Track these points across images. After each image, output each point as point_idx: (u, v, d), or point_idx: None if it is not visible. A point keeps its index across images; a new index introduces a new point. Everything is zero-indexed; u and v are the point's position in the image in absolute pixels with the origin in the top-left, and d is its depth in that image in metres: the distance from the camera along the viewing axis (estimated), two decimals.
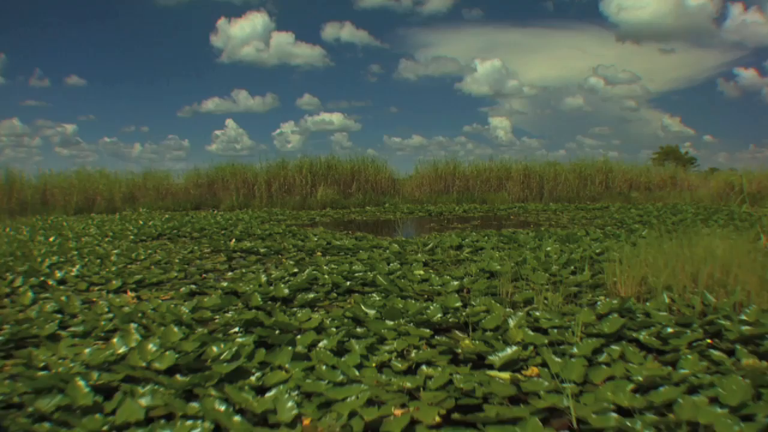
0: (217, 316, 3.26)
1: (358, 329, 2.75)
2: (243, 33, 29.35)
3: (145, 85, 34.30)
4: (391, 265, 4.70)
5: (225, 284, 4.20)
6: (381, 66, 33.05)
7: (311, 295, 3.61)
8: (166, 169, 19.58)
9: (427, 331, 2.74)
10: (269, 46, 29.68)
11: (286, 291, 3.69)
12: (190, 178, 18.93)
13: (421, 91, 33.42)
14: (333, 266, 4.82)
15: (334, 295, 3.86)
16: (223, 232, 8.79)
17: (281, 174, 18.07)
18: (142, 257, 6.12)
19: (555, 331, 2.75)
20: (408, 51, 37.94)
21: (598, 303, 3.31)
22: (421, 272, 4.37)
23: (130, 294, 4.45)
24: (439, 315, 3.02)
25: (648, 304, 3.34)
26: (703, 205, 14.57)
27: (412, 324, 2.90)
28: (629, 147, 41.12)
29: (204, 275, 5.03)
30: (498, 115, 32.54)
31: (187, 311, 3.27)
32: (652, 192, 18.31)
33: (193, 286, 4.31)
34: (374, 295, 3.63)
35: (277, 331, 2.79)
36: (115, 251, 6.60)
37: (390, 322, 2.81)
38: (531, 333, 2.67)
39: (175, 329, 2.88)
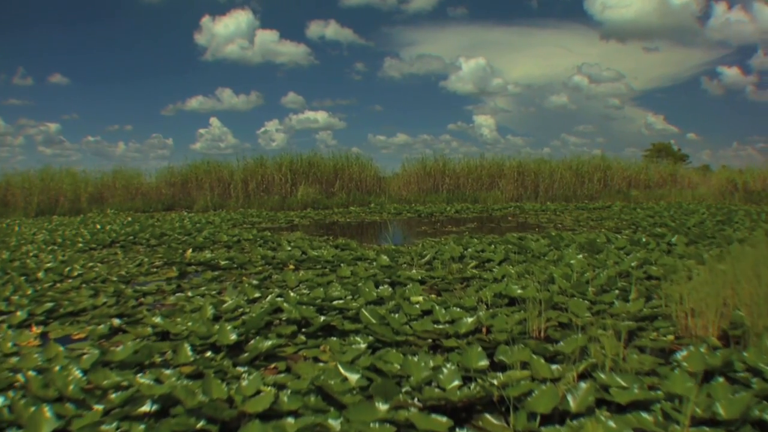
0: (126, 381, 2.19)
1: (331, 421, 1.69)
2: (227, 31, 28.16)
3: (128, 83, 32.88)
4: (381, 288, 3.64)
5: (158, 319, 3.11)
6: (365, 64, 31.93)
7: (269, 343, 2.52)
8: (137, 167, 18.28)
9: (443, 420, 1.70)
10: (253, 44, 28.54)
11: (234, 336, 2.61)
12: (162, 176, 17.53)
13: (405, 89, 32.37)
14: (304, 290, 3.74)
15: (302, 338, 2.77)
16: (185, 238, 7.65)
17: (259, 172, 16.78)
18: (77, 273, 5.01)
19: (645, 417, 1.73)
20: (393, 49, 36.86)
21: (678, 354, 2.31)
22: (420, 300, 3.33)
23: (35, 330, 3.36)
24: (457, 384, 1.98)
25: (746, 354, 2.34)
26: (708, 203, 13.74)
27: (416, 401, 1.86)
28: (613, 145, 40.72)
29: (141, 300, 3.94)
30: (482, 114, 31.63)
31: (80, 375, 2.19)
32: (651, 190, 17.44)
33: (117, 320, 3.23)
34: (358, 339, 2.58)
35: (201, 422, 1.73)
36: (48, 264, 5.48)
37: (383, 407, 1.75)
38: (612, 424, 1.65)
39: (48, 414, 1.88)
